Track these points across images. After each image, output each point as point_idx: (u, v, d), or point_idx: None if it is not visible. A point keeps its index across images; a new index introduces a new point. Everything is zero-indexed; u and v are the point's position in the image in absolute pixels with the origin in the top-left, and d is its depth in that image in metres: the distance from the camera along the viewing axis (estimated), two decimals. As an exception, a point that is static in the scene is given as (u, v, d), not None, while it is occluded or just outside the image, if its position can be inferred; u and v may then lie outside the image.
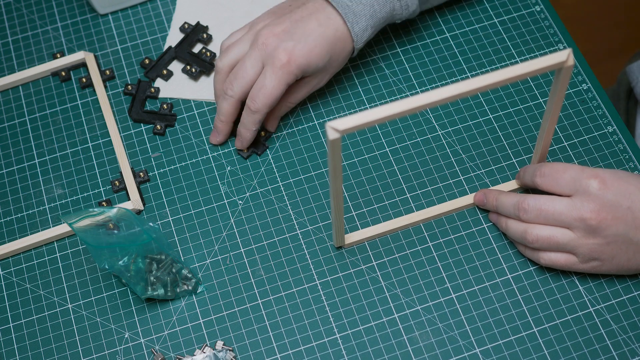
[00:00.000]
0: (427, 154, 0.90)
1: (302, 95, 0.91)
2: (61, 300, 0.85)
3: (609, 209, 0.77)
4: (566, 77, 0.72)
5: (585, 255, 0.79)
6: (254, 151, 0.91)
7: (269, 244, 0.87)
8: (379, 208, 0.88)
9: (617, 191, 0.78)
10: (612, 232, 0.77)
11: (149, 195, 0.90)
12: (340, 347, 0.81)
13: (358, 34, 0.88)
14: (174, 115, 0.95)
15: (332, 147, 0.69)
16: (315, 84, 0.90)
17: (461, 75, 0.95)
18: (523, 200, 0.80)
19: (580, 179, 0.78)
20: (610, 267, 0.80)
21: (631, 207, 0.78)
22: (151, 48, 0.99)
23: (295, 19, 0.87)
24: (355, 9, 0.87)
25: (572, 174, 0.79)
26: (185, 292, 0.84)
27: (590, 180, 0.78)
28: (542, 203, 0.79)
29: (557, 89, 0.73)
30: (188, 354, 0.82)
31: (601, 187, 0.78)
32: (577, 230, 0.78)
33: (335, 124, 0.67)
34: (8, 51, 1.01)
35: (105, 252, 0.77)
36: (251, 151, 0.91)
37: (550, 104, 0.76)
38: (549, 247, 0.80)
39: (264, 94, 0.86)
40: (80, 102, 0.97)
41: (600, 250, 0.79)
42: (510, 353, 0.80)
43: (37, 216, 0.90)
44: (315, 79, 0.90)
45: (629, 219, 0.77)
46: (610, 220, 0.77)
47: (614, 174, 0.79)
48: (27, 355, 0.83)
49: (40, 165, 0.93)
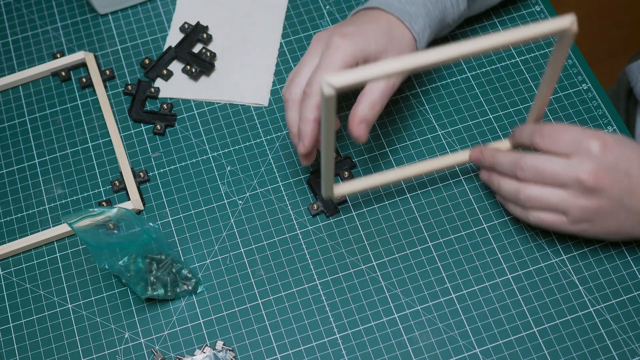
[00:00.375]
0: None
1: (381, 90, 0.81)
2: (61, 300, 0.85)
3: (607, 171, 0.76)
4: (567, 43, 0.71)
5: (576, 216, 0.78)
6: (323, 211, 0.88)
7: (269, 244, 0.87)
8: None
9: (618, 155, 0.77)
10: (607, 195, 0.77)
11: (149, 195, 0.90)
12: (340, 347, 0.81)
13: (419, 32, 0.86)
14: (174, 115, 0.95)
15: (327, 104, 0.67)
16: None
17: (461, 75, 0.95)
18: (521, 158, 0.79)
19: (582, 139, 0.77)
20: (598, 231, 0.80)
21: (629, 172, 0.77)
22: (151, 48, 0.99)
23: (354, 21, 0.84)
24: (410, 10, 0.85)
25: (573, 134, 0.78)
26: (185, 292, 0.84)
27: (592, 141, 0.77)
28: (540, 161, 0.78)
29: (558, 55, 0.73)
30: (188, 354, 0.82)
31: (602, 149, 0.77)
32: (572, 190, 0.77)
33: (330, 79, 0.64)
34: (8, 51, 1.01)
35: (105, 252, 0.77)
36: (320, 210, 0.88)
37: (550, 69, 0.75)
38: (541, 206, 0.79)
39: (315, 73, 0.80)
40: (80, 102, 0.97)
41: (592, 213, 0.78)
42: (510, 353, 0.80)
43: (37, 216, 0.90)
44: None
45: (625, 184, 0.77)
46: (607, 183, 0.76)
47: (616, 138, 0.78)
48: (27, 355, 0.83)
49: (40, 165, 0.93)
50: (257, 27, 1.00)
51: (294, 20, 1.00)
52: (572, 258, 0.84)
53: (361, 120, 0.80)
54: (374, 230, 0.87)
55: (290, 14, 1.00)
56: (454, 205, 0.87)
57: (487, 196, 0.88)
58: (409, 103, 0.94)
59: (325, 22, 0.99)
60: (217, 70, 0.97)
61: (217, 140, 0.93)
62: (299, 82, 0.82)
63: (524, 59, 0.96)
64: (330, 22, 0.99)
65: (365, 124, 0.81)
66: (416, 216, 0.87)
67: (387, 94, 0.82)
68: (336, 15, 1.00)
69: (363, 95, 0.81)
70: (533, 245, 0.85)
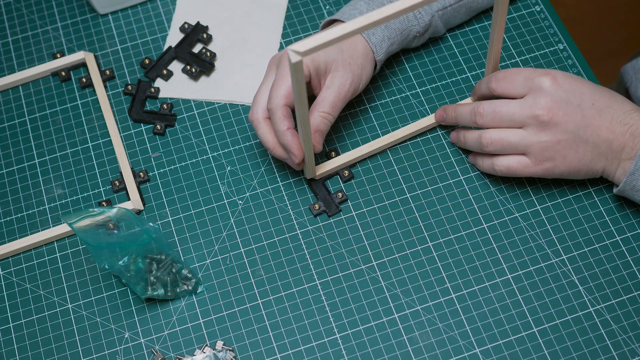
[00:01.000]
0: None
1: (331, 101, 0.85)
2: (61, 300, 0.85)
3: (560, 104, 0.80)
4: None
5: (538, 154, 0.81)
6: (325, 211, 0.88)
7: (269, 244, 0.87)
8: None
9: (569, 89, 0.81)
10: (563, 128, 0.80)
11: (149, 195, 0.90)
12: (340, 347, 0.81)
13: (376, 44, 0.88)
14: (174, 115, 0.95)
15: (295, 70, 0.71)
16: (337, 85, 0.85)
17: (461, 75, 0.95)
18: (478, 105, 0.84)
19: (533, 77, 0.81)
20: (563, 169, 0.82)
21: (581, 104, 0.80)
22: (151, 48, 0.99)
23: None
24: None
25: (526, 74, 0.82)
26: (185, 292, 0.84)
27: (543, 78, 0.81)
28: (496, 105, 0.82)
29: None
30: (188, 354, 0.82)
31: (553, 83, 0.80)
32: (530, 127, 0.81)
33: (295, 46, 0.70)
34: (8, 51, 1.01)
35: (105, 252, 0.77)
36: (321, 210, 0.88)
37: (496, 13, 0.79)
38: (503, 149, 0.82)
39: (273, 89, 0.83)
40: (80, 102, 0.97)
41: (552, 148, 0.81)
42: (510, 353, 0.80)
43: (37, 216, 0.90)
44: (335, 79, 0.85)
45: (578, 117, 0.80)
46: (561, 116, 0.80)
47: (566, 74, 0.82)
48: (27, 355, 0.83)
49: (40, 165, 0.93)
50: (257, 27, 1.00)
51: (294, 20, 1.00)
52: (572, 258, 0.84)
53: (314, 131, 0.84)
54: (374, 230, 0.87)
55: (290, 14, 1.00)
56: (454, 205, 0.87)
57: (487, 196, 0.88)
58: (409, 103, 0.94)
59: (325, 22, 0.99)
60: (217, 70, 0.97)
61: (217, 140, 0.93)
62: (259, 102, 0.85)
63: (523, 59, 0.96)
64: (330, 22, 0.99)
65: (318, 134, 0.85)
66: (416, 216, 0.87)
67: (338, 104, 0.86)
68: (336, 15, 1.00)
69: (315, 106, 0.85)
70: (533, 245, 0.85)
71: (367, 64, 0.87)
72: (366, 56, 0.87)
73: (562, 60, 0.95)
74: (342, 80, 0.85)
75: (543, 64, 0.95)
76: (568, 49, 0.96)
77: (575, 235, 0.85)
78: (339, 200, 0.88)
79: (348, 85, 0.85)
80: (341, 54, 0.85)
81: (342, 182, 0.89)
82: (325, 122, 0.85)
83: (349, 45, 0.86)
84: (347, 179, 0.89)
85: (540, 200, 0.87)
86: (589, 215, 0.86)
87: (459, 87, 0.94)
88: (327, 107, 0.85)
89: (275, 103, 0.82)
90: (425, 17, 0.91)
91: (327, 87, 0.85)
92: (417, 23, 0.91)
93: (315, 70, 0.84)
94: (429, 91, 0.94)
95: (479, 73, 0.95)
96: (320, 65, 0.84)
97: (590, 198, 0.87)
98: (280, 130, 0.82)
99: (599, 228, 0.85)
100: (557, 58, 0.95)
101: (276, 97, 0.82)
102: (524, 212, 0.87)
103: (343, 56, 0.85)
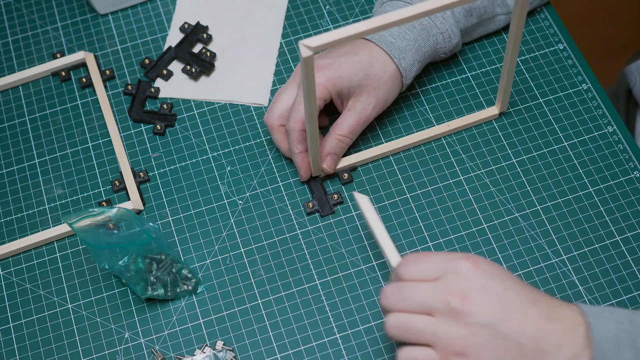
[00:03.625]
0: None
1: (350, 125, 0.86)
2: (61, 300, 0.85)
3: (478, 292, 0.67)
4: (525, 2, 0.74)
5: (447, 347, 0.67)
6: (318, 210, 0.88)
7: (269, 244, 0.87)
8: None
9: (490, 275, 0.68)
10: (478, 320, 0.67)
11: (149, 195, 0.90)
12: (340, 347, 0.81)
13: (406, 69, 0.87)
14: (174, 115, 0.95)
15: (306, 65, 0.71)
16: (359, 109, 0.85)
17: (461, 75, 0.95)
18: (387, 285, 0.71)
19: (450, 259, 0.69)
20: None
21: (504, 294, 0.68)
22: (151, 48, 0.99)
23: (334, 54, 0.86)
24: (400, 45, 0.86)
25: (440, 257, 0.70)
26: (185, 292, 0.84)
27: (461, 261, 0.69)
28: (404, 284, 0.70)
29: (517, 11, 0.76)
30: (188, 354, 0.82)
31: (473, 267, 0.68)
32: (440, 314, 0.68)
33: (307, 41, 0.69)
34: (8, 51, 1.01)
35: (105, 252, 0.77)
36: (315, 209, 0.88)
37: (512, 31, 0.78)
38: (407, 336, 0.69)
39: (293, 110, 0.85)
40: (80, 102, 0.97)
41: (462, 344, 0.67)
42: (510, 353, 0.80)
43: (37, 216, 0.90)
44: (357, 103, 0.85)
45: (497, 308, 0.67)
46: (478, 304, 0.67)
47: (487, 260, 0.70)
48: (27, 355, 0.83)
49: (40, 165, 0.93)
50: (257, 27, 1.00)
51: (294, 20, 1.00)
52: (572, 258, 0.84)
53: (328, 153, 0.87)
54: (374, 230, 0.87)
55: (290, 14, 1.00)
56: (454, 205, 0.87)
57: (487, 196, 0.88)
58: (409, 103, 0.94)
59: (325, 22, 0.99)
60: (217, 70, 0.97)
61: (217, 140, 0.93)
62: (276, 109, 0.87)
63: (523, 59, 0.96)
64: (330, 22, 0.99)
65: (332, 158, 0.87)
66: (416, 216, 0.87)
67: (357, 129, 0.87)
68: (336, 15, 1.00)
69: (334, 127, 0.86)
70: (533, 245, 0.85)
71: (394, 87, 0.87)
72: (394, 80, 0.87)
73: (562, 60, 0.95)
74: (365, 105, 0.85)
75: (543, 64, 0.95)
76: (568, 49, 0.96)
77: (575, 235, 0.85)
78: (334, 202, 0.88)
79: (370, 110, 0.86)
80: (367, 80, 0.85)
81: (342, 184, 0.89)
82: (342, 146, 0.87)
83: (379, 68, 0.85)
84: (347, 181, 0.89)
85: (540, 200, 0.87)
86: (589, 215, 0.86)
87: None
88: (345, 130, 0.86)
89: (293, 127, 0.85)
90: (453, 40, 0.90)
91: (348, 109, 0.86)
92: (445, 45, 0.90)
93: (337, 94, 0.85)
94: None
95: (479, 73, 0.95)
96: (343, 90, 0.85)
97: (590, 198, 0.87)
98: (294, 152, 0.86)
99: (599, 228, 0.85)
100: (557, 58, 0.95)
101: (295, 121, 0.84)
102: (524, 212, 0.87)
103: (369, 81, 0.85)
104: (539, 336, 0.67)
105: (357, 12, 1.00)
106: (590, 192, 0.87)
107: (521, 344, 0.66)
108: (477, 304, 0.67)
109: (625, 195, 0.87)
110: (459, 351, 0.67)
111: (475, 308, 0.67)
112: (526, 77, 0.94)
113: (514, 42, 0.79)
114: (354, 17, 1.00)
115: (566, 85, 0.94)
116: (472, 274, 0.68)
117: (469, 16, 0.91)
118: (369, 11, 1.00)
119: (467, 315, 0.67)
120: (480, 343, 0.67)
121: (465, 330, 0.67)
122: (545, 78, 0.94)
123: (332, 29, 0.99)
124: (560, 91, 0.93)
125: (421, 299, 0.68)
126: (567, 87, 0.93)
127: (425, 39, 0.88)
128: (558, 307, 0.69)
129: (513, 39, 0.79)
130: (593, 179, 0.88)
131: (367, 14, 1.00)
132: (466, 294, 0.67)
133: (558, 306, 0.69)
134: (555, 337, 0.67)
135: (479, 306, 0.67)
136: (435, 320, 0.68)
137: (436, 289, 0.68)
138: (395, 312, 0.70)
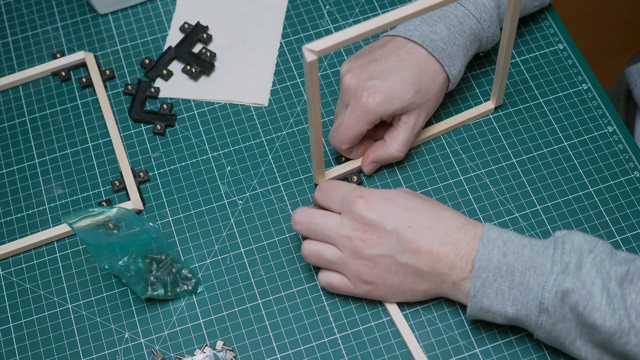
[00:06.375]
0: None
1: (405, 139, 0.86)
2: (61, 300, 0.85)
3: (373, 229, 0.76)
4: None
5: (354, 277, 0.79)
6: None
7: (269, 244, 0.87)
8: None
9: (381, 212, 0.76)
10: (377, 252, 0.76)
11: (149, 195, 0.90)
12: (340, 347, 0.81)
13: (455, 76, 0.87)
14: (174, 115, 0.95)
15: (310, 70, 0.70)
16: (412, 124, 0.86)
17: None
18: (298, 209, 0.81)
19: (348, 197, 0.78)
20: (385, 292, 0.79)
21: (397, 228, 0.76)
22: (151, 48, 0.99)
23: (374, 57, 0.85)
24: (451, 52, 0.86)
25: (343, 191, 0.79)
26: (185, 292, 0.84)
27: (356, 200, 0.77)
28: (312, 215, 0.79)
29: (512, 3, 0.76)
30: (188, 354, 0.82)
31: (365, 207, 0.77)
32: (344, 249, 0.78)
33: (311, 45, 0.68)
34: (8, 51, 1.01)
35: (105, 252, 0.77)
36: None
37: (506, 24, 0.78)
38: (320, 264, 0.80)
39: (341, 132, 0.85)
40: (80, 102, 0.97)
41: (368, 273, 0.78)
42: (510, 353, 0.80)
43: (37, 216, 0.90)
44: (410, 118, 0.85)
45: (393, 241, 0.76)
46: (374, 240, 0.76)
47: (381, 195, 0.78)
48: (27, 355, 0.83)
49: (40, 165, 0.93)
50: (257, 27, 1.00)
51: (294, 20, 1.00)
52: (572, 258, 0.84)
53: (374, 161, 0.88)
54: (374, 230, 0.87)
55: (290, 14, 1.00)
56: (455, 206, 0.87)
57: (487, 196, 0.88)
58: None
59: (325, 22, 0.99)
60: (217, 70, 0.97)
61: (217, 140, 0.93)
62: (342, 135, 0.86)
63: (523, 59, 0.96)
64: (330, 22, 0.99)
65: (375, 165, 0.88)
66: (416, 216, 0.87)
67: (411, 140, 0.87)
68: (336, 15, 1.00)
69: (390, 140, 0.86)
70: (533, 245, 0.85)
71: (442, 94, 0.88)
72: (443, 89, 0.87)
73: (562, 60, 0.95)
74: (417, 118, 0.86)
75: (543, 64, 0.95)
76: (568, 49, 0.96)
77: (575, 235, 0.85)
78: None
79: (421, 122, 0.87)
80: (417, 95, 0.84)
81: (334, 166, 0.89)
82: (396, 158, 0.87)
83: (427, 81, 0.85)
84: (356, 184, 0.89)
85: (540, 200, 0.87)
86: (589, 215, 0.86)
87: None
88: (402, 145, 0.86)
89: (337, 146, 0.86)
90: (495, 41, 0.90)
91: (402, 123, 0.85)
92: (486, 47, 0.90)
93: (388, 115, 0.84)
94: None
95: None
96: (396, 112, 0.84)
97: (591, 198, 0.87)
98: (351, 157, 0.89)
99: (599, 228, 0.85)
100: (557, 58, 0.95)
101: (341, 142, 0.86)
102: (524, 212, 0.87)
103: (419, 96, 0.84)
104: (432, 260, 0.76)
105: (357, 12, 1.00)
106: (590, 192, 0.87)
107: (418, 268, 0.77)
108: (373, 239, 0.76)
109: (625, 195, 0.87)
110: (366, 280, 0.78)
111: (373, 243, 0.76)
112: (526, 77, 0.94)
113: (508, 35, 0.80)
114: (354, 17, 1.00)
115: (566, 85, 0.94)
116: (365, 213, 0.76)
117: None
118: (369, 11, 1.00)
119: (367, 249, 0.76)
120: (383, 271, 0.77)
121: (368, 262, 0.77)
122: (545, 78, 0.94)
123: (332, 28, 0.99)
124: (560, 91, 0.93)
125: (327, 233, 0.78)
126: (567, 87, 0.93)
127: (472, 42, 0.88)
128: (456, 231, 0.76)
129: (507, 32, 0.79)
130: (593, 179, 0.88)
131: (367, 14, 1.00)
132: (364, 231, 0.76)
133: (457, 229, 0.76)
134: (448, 260, 0.76)
135: (376, 242, 0.76)
136: (342, 255, 0.78)
137: (338, 227, 0.77)
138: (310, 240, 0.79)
